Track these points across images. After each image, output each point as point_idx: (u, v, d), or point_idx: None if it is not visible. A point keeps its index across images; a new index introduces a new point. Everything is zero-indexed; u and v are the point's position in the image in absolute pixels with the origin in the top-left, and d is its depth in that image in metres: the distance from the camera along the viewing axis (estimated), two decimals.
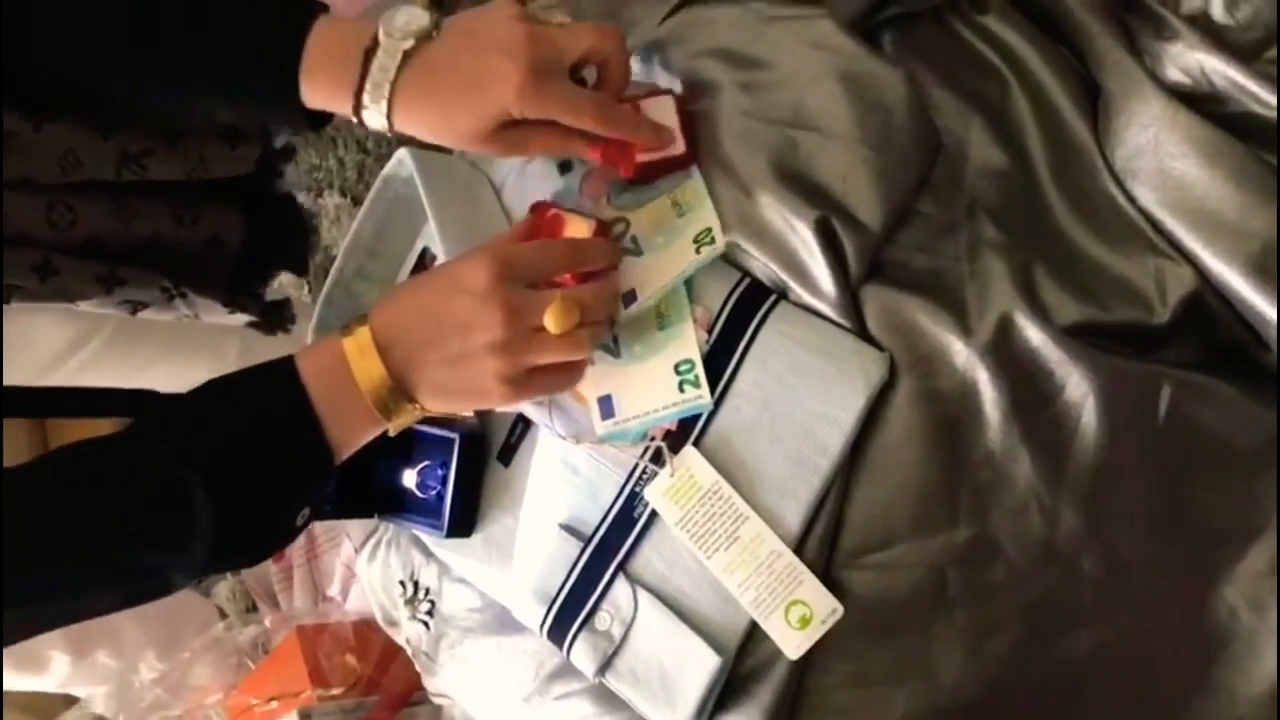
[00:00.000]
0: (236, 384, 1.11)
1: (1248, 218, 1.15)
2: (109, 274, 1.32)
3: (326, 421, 1.08)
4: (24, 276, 1.26)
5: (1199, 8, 1.27)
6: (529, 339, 1.08)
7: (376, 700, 1.93)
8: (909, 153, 1.18)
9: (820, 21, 1.24)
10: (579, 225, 1.18)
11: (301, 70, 1.14)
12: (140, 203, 1.34)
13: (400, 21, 1.14)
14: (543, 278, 1.12)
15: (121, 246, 1.33)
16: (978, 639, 1.13)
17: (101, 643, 2.27)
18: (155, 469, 1.06)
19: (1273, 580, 1.18)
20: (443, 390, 1.10)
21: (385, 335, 1.08)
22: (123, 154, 1.31)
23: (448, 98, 1.14)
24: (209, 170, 1.39)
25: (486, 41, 1.13)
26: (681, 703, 1.13)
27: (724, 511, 1.13)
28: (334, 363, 1.09)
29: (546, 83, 1.13)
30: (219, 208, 1.42)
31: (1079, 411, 1.12)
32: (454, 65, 1.14)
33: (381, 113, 1.14)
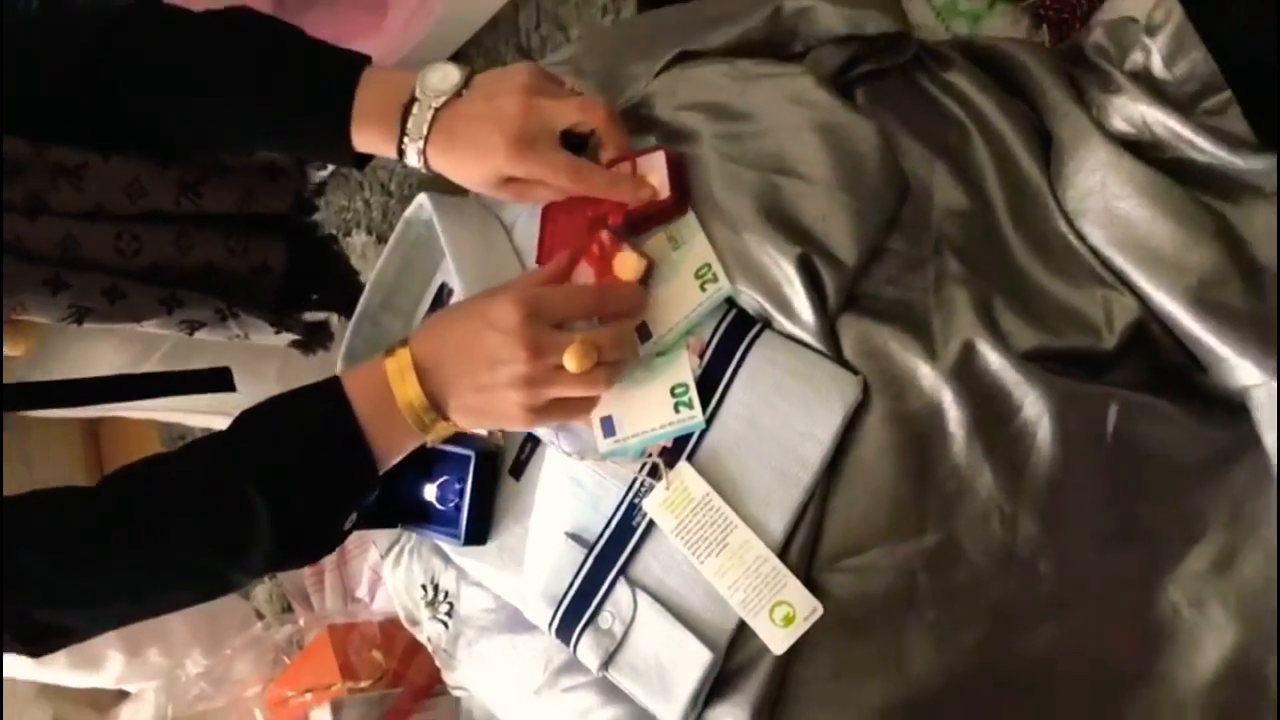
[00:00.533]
0: (289, 402, 1.13)
1: (1185, 253, 1.16)
2: (169, 297, 1.33)
3: (370, 435, 1.11)
4: (95, 300, 1.28)
5: (1141, 64, 1.27)
6: (550, 375, 1.10)
7: (401, 692, 1.93)
8: (880, 196, 1.18)
9: (799, 78, 1.24)
10: (629, 262, 1.19)
11: (352, 121, 1.20)
12: (196, 233, 1.36)
13: (434, 80, 1.19)
14: (567, 320, 1.13)
15: (180, 273, 1.35)
16: (945, 635, 1.12)
17: (152, 642, 2.27)
18: (216, 482, 1.08)
19: (1211, 581, 1.18)
20: (471, 412, 1.13)
21: (423, 361, 1.11)
22: (180, 183, 1.33)
23: (463, 154, 1.19)
24: (255, 201, 1.40)
25: (489, 112, 1.18)
26: (677, 694, 1.13)
27: (715, 520, 1.12)
28: (376, 382, 1.12)
29: (530, 150, 1.17)
30: (265, 239, 1.44)
31: (1035, 429, 1.12)
32: (467, 131, 1.18)
33: (418, 159, 1.20)
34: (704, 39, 1.31)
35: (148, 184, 1.31)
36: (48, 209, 1.25)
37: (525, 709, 1.28)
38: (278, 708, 2.04)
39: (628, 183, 1.19)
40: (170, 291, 1.34)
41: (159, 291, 1.33)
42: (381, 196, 2.58)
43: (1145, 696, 1.18)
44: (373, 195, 2.60)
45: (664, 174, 1.20)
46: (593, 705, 1.20)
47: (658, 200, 1.19)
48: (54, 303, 1.26)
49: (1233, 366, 1.14)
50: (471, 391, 1.11)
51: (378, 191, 2.59)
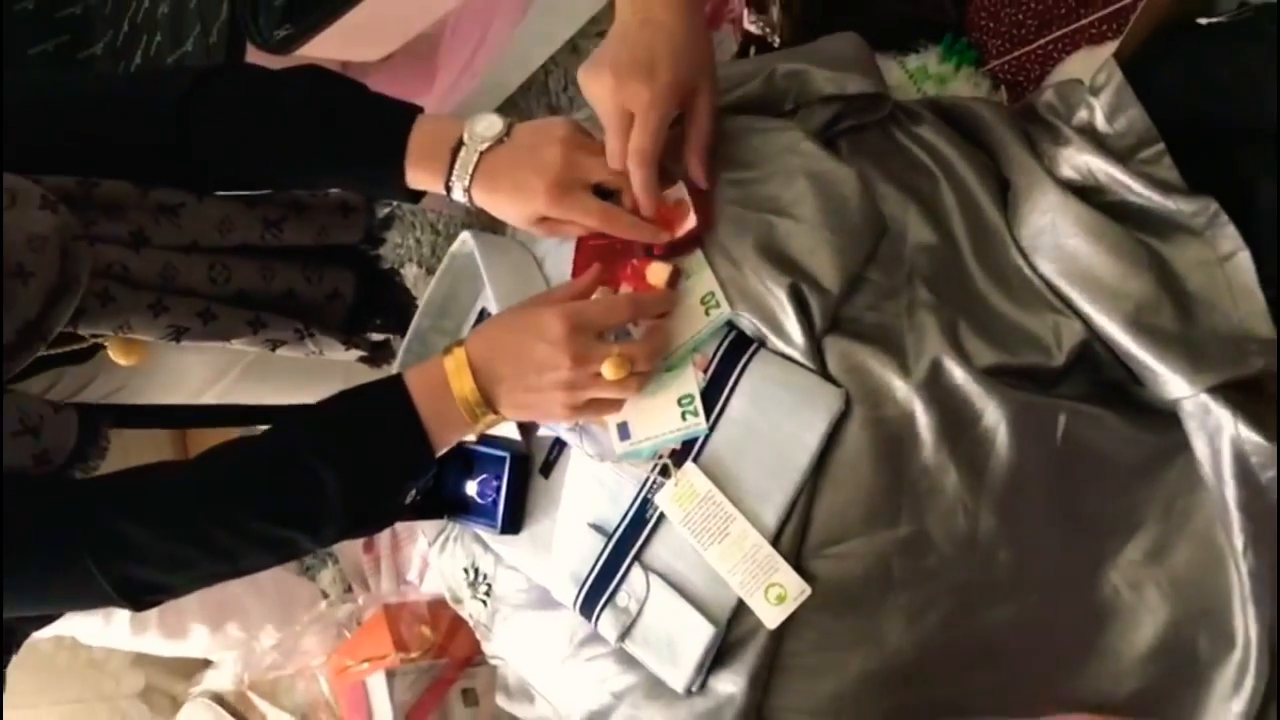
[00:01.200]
0: (357, 395, 1.16)
1: (1124, 283, 1.16)
2: (255, 319, 1.35)
3: (427, 423, 1.12)
4: (191, 320, 1.29)
5: (1086, 120, 1.28)
6: (589, 380, 1.12)
7: (445, 663, 1.92)
8: (861, 233, 1.19)
9: (791, 131, 1.25)
10: (660, 271, 1.20)
11: (406, 160, 1.21)
12: (278, 264, 1.37)
13: (480, 128, 1.20)
14: (609, 329, 1.15)
15: (264, 298, 1.36)
16: (916, 613, 1.12)
17: (232, 617, 2.28)
18: (294, 462, 1.11)
19: (1147, 567, 1.18)
20: (519, 407, 1.15)
21: (477, 360, 1.13)
22: (265, 220, 1.34)
23: (505, 195, 1.20)
24: (329, 236, 1.42)
25: (531, 159, 1.19)
26: (684, 663, 1.13)
27: (717, 513, 1.12)
28: (435, 378, 1.14)
29: (566, 195, 1.18)
30: (337, 270, 1.45)
31: (994, 435, 1.12)
32: (509, 173, 1.19)
33: (463, 195, 1.21)
34: None
35: (236, 221, 1.32)
36: (149, 243, 1.26)
37: (553, 675, 1.28)
38: (339, 675, 2.04)
39: (650, 228, 1.20)
40: (256, 314, 1.35)
41: (246, 314, 1.34)
42: (430, 235, 2.58)
43: (1090, 667, 1.18)
44: (423, 234, 2.61)
45: (689, 207, 1.20)
46: (611, 673, 1.21)
47: (687, 230, 1.20)
48: (155, 323, 1.27)
49: (1165, 381, 1.14)
50: (519, 390, 1.13)
51: (427, 230, 2.59)
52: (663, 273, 1.19)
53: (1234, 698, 1.15)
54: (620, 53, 1.16)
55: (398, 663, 1.91)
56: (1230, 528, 1.15)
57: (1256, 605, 1.14)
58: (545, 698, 1.32)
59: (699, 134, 1.20)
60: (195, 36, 1.87)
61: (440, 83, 1.96)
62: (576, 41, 2.24)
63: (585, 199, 1.19)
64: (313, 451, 1.11)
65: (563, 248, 1.30)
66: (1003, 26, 1.51)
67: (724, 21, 1.85)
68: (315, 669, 2.14)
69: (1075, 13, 1.46)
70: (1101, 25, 1.44)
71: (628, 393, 1.15)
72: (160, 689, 2.89)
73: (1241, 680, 1.15)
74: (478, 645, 1.49)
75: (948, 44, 1.54)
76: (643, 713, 1.18)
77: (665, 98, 1.14)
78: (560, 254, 1.31)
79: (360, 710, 1.91)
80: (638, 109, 1.14)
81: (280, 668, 2.22)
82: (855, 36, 1.39)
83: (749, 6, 1.65)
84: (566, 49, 2.26)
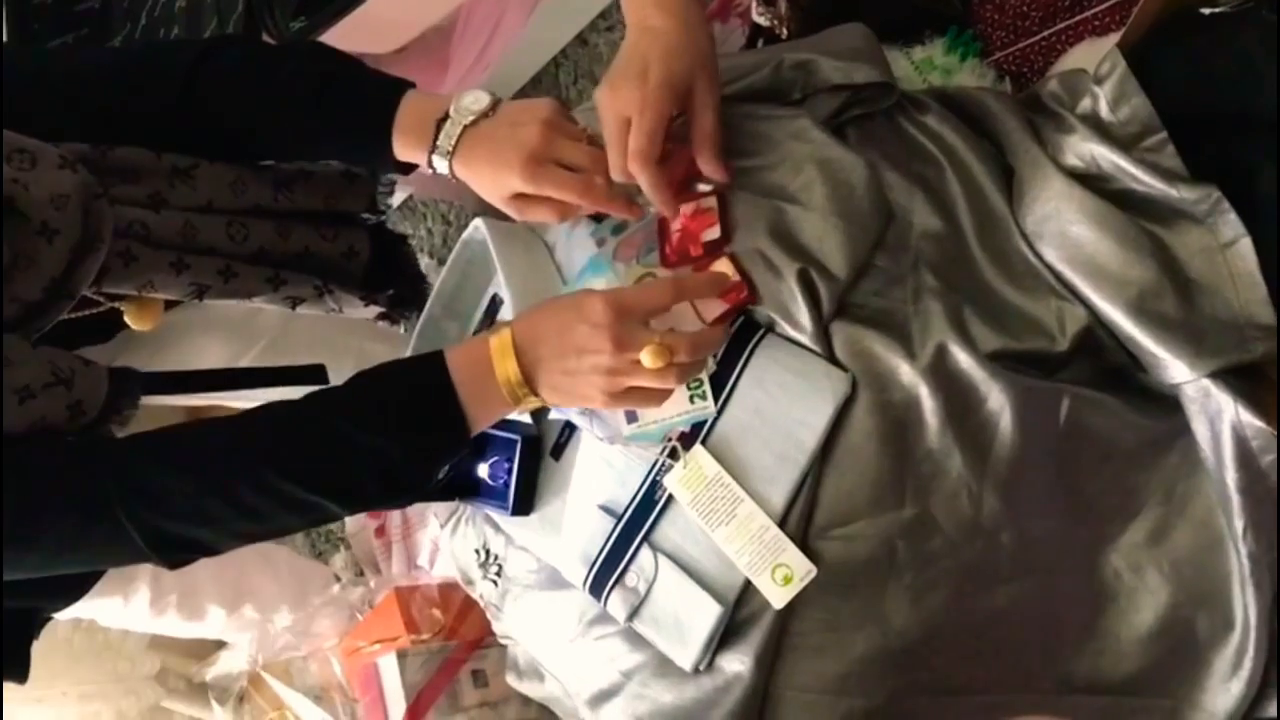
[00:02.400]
0: (397, 368, 1.15)
1: (1127, 270, 1.15)
2: (274, 276, 1.35)
3: (465, 400, 1.11)
4: (212, 278, 1.30)
5: (1090, 109, 1.27)
6: (629, 367, 1.09)
7: (456, 644, 1.93)
8: (868, 220, 1.18)
9: (800, 120, 1.24)
10: (722, 266, 1.18)
11: (394, 131, 1.22)
12: (293, 223, 1.38)
13: (467, 101, 1.21)
14: (653, 314, 1.12)
15: (283, 255, 1.36)
16: (920, 594, 1.12)
17: (248, 600, 2.28)
18: (327, 426, 1.10)
19: (1147, 550, 1.18)
20: (559, 391, 1.12)
21: (521, 342, 1.11)
22: (275, 182, 1.35)
23: (483, 167, 1.20)
24: (337, 202, 1.42)
25: (510, 134, 1.18)
26: (692, 642, 1.13)
27: (724, 495, 1.12)
28: (478, 357, 1.11)
29: (540, 169, 1.17)
30: (351, 229, 1.45)
31: (998, 419, 1.12)
32: (488, 146, 1.19)
33: (445, 167, 1.22)
34: None
35: (249, 182, 1.33)
36: (167, 204, 1.27)
37: (562, 655, 1.28)
38: (351, 656, 2.04)
39: (624, 200, 1.19)
40: (275, 271, 1.35)
41: (266, 271, 1.35)
42: (441, 225, 2.59)
43: (1090, 648, 1.17)
44: (434, 224, 2.61)
45: (715, 215, 1.20)
46: (620, 652, 1.21)
47: (716, 239, 1.19)
48: (178, 281, 1.28)
49: (1167, 366, 1.14)
50: (561, 374, 1.11)
51: (438, 221, 2.60)
52: (726, 268, 1.18)
53: (1233, 679, 1.15)
54: (618, 63, 1.16)
55: (409, 644, 1.91)
56: (1230, 511, 1.15)
57: (1256, 588, 1.14)
58: (555, 676, 1.32)
59: (702, 129, 1.18)
60: (212, 29, 1.87)
61: (451, 76, 1.96)
62: (586, 35, 2.24)
63: (558, 172, 1.18)
64: (350, 420, 1.10)
65: (572, 235, 1.30)
66: (1007, 19, 1.50)
67: (732, 15, 1.84)
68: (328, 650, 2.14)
69: (1079, 5, 1.46)
70: (1105, 17, 1.44)
71: (668, 383, 1.11)
72: (175, 671, 2.90)
73: (1240, 662, 1.15)
74: (487, 627, 1.49)
75: (953, 36, 1.54)
76: (651, 690, 1.18)
77: (658, 98, 1.13)
78: (570, 242, 1.31)
79: (372, 690, 1.92)
80: (632, 113, 1.14)
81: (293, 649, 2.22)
82: (862, 28, 1.38)
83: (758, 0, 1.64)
84: (576, 43, 2.26)
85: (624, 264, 1.23)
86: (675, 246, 1.20)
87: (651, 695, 1.18)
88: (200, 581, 2.11)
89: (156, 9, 1.98)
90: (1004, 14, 1.51)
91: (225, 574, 2.20)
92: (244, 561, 2.29)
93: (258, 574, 2.29)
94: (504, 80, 2.32)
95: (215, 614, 2.21)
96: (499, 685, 1.82)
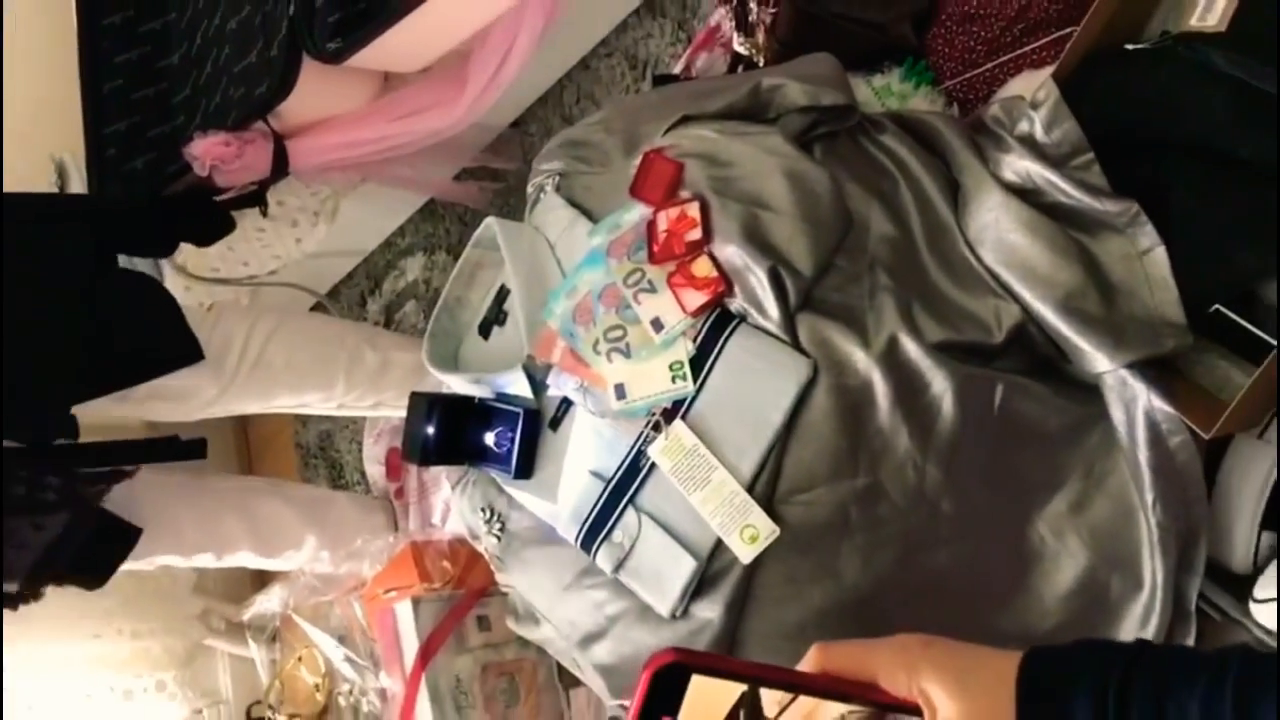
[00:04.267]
0: None
1: (1056, 273, 1.16)
2: None
3: None
4: None
5: (1026, 131, 1.28)
6: None
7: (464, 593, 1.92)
8: (831, 225, 1.18)
9: (773, 136, 1.24)
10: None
11: None
12: None
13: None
14: None
15: None
16: (870, 553, 1.12)
17: (288, 548, 2.19)
18: None
19: (1069, 519, 1.18)
20: None
21: None
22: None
23: None
24: None
25: None
26: (670, 591, 1.13)
27: (700, 464, 1.12)
28: None
29: None
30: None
31: (941, 401, 1.12)
32: None
33: None
34: (701, 106, 1.31)
35: None
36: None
37: (556, 602, 1.28)
38: (372, 602, 2.03)
39: None
40: None
41: None
42: (458, 225, 2.58)
43: (1018, 603, 1.18)
44: (451, 225, 2.60)
45: (697, 223, 1.19)
46: (607, 599, 1.20)
47: (697, 239, 1.18)
48: None
49: (1090, 358, 1.15)
50: None
51: (455, 221, 2.59)
52: (706, 265, 1.17)
53: (1141, 631, 1.16)
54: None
55: (422, 592, 1.90)
56: (1142, 486, 1.15)
57: (1163, 553, 1.15)
58: (549, 620, 1.32)
59: None
60: (258, 49, 1.85)
61: (468, 93, 1.95)
62: (588, 60, 2.24)
63: None
64: None
65: (572, 231, 1.29)
66: (957, 52, 1.51)
67: (716, 44, 1.84)
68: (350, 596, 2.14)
69: (1019, 41, 1.46)
70: (1042, 52, 1.44)
71: None
72: (216, 612, 2.89)
73: (1148, 618, 1.15)
74: (492, 578, 1.49)
75: (909, 66, 1.54)
76: (633, 633, 1.18)
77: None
78: (570, 239, 1.30)
79: (389, 632, 1.91)
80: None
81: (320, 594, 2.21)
82: (829, 57, 1.39)
83: (738, 30, 1.64)
84: (579, 67, 2.26)
85: (616, 260, 1.23)
86: (662, 245, 1.20)
87: (634, 638, 1.18)
88: (235, 537, 2.05)
89: (210, 30, 1.97)
90: (953, 48, 1.51)
91: (262, 533, 2.13)
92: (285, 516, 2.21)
93: (293, 526, 2.21)
94: (515, 99, 2.31)
95: (309, 543, 2.13)
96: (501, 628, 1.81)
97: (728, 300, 1.17)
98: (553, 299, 1.24)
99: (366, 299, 2.88)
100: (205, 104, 1.95)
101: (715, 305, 1.17)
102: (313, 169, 2.01)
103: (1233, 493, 1.19)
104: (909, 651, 0.62)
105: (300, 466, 3.09)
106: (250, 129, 1.88)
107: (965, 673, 0.60)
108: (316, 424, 3.02)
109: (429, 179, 2.33)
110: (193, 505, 1.87)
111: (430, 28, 1.79)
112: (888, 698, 0.61)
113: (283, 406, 1.92)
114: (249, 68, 1.87)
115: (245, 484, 2.26)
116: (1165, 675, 0.57)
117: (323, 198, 2.47)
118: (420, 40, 1.84)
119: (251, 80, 1.85)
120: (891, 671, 0.61)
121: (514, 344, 1.30)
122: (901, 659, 0.61)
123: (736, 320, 1.16)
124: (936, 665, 0.60)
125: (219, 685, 2.96)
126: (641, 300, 1.18)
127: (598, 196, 1.30)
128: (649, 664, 0.59)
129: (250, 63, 1.87)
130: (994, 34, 1.47)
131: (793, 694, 0.61)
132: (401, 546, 2.01)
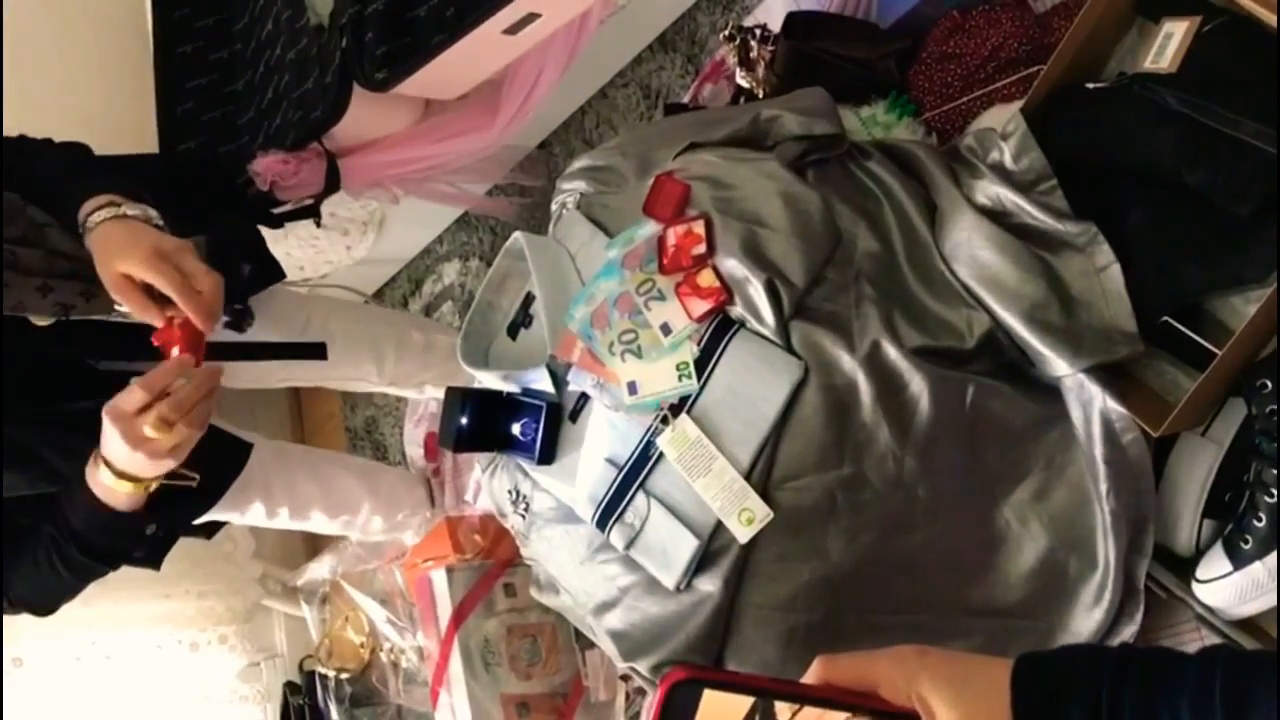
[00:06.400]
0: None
1: (1021, 286, 1.16)
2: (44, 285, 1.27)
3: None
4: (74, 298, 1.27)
5: (997, 159, 1.28)
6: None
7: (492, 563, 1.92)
8: (821, 242, 1.18)
9: (770, 161, 1.24)
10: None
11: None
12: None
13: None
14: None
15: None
16: (853, 535, 1.12)
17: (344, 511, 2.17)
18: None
19: (1031, 506, 1.17)
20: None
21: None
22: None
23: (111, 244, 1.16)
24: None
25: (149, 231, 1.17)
26: (675, 567, 1.13)
27: (703, 453, 1.12)
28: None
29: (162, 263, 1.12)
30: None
31: (918, 400, 1.12)
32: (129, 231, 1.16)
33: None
34: (707, 134, 1.31)
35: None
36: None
37: (574, 574, 1.28)
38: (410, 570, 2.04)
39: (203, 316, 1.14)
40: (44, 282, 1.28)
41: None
42: (490, 235, 2.58)
43: (985, 580, 1.17)
44: (484, 234, 2.60)
45: (703, 234, 1.19)
46: (619, 573, 1.21)
47: (702, 253, 1.17)
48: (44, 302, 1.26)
49: (1051, 362, 1.14)
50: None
51: (487, 231, 2.59)
52: (710, 276, 1.17)
53: (1095, 608, 1.15)
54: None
55: (456, 562, 1.90)
56: (1097, 477, 1.15)
57: (1115, 537, 1.14)
58: (568, 591, 1.32)
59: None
60: (314, 78, 1.85)
61: (501, 118, 1.95)
62: (606, 90, 2.24)
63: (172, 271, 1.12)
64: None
65: (590, 245, 1.29)
66: (936, 87, 1.50)
67: (721, 77, 1.84)
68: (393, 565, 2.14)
69: (992, 78, 1.45)
70: (1011, 88, 1.43)
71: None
72: (273, 576, 2.90)
73: (1101, 595, 1.15)
74: (517, 550, 1.48)
75: (893, 99, 1.54)
76: (642, 604, 1.18)
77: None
78: (589, 251, 1.30)
79: (426, 597, 1.91)
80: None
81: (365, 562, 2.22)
82: (822, 91, 1.38)
83: (740, 66, 1.64)
84: (598, 96, 2.26)
85: (629, 270, 1.23)
86: (671, 258, 1.20)
87: (642, 607, 1.18)
88: (311, 498, 2.04)
89: (271, 59, 1.97)
90: (933, 83, 1.50)
91: (330, 496, 2.11)
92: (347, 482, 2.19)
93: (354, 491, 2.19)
94: (541, 123, 2.31)
95: (318, 519, 2.13)
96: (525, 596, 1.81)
97: (729, 308, 1.16)
98: (573, 305, 1.24)
99: (408, 300, 2.88)
100: (267, 126, 1.95)
101: (718, 312, 1.16)
102: (362, 185, 2.02)
103: (1178, 484, 1.19)
104: (906, 662, 0.60)
105: (349, 448, 3.10)
106: (307, 149, 1.89)
107: (960, 680, 0.59)
108: (363, 410, 3.03)
109: (464, 194, 2.33)
110: (280, 464, 1.87)
111: (467, 60, 1.79)
112: (888, 706, 0.60)
113: (342, 376, 1.92)
114: (306, 94, 1.87)
115: (315, 452, 2.25)
116: (1154, 678, 0.56)
117: (371, 210, 2.48)
118: (458, 71, 1.84)
119: (308, 105, 1.86)
120: (891, 681, 0.60)
121: (539, 344, 1.30)
122: (900, 669, 0.60)
123: (736, 326, 1.16)
124: (933, 674, 0.59)
125: (275, 641, 2.98)
126: (652, 307, 1.18)
127: (614, 214, 1.30)
128: (664, 680, 0.58)
129: (307, 89, 1.87)
130: (969, 71, 1.47)
131: (798, 705, 0.60)
132: (438, 521, 2.01)
